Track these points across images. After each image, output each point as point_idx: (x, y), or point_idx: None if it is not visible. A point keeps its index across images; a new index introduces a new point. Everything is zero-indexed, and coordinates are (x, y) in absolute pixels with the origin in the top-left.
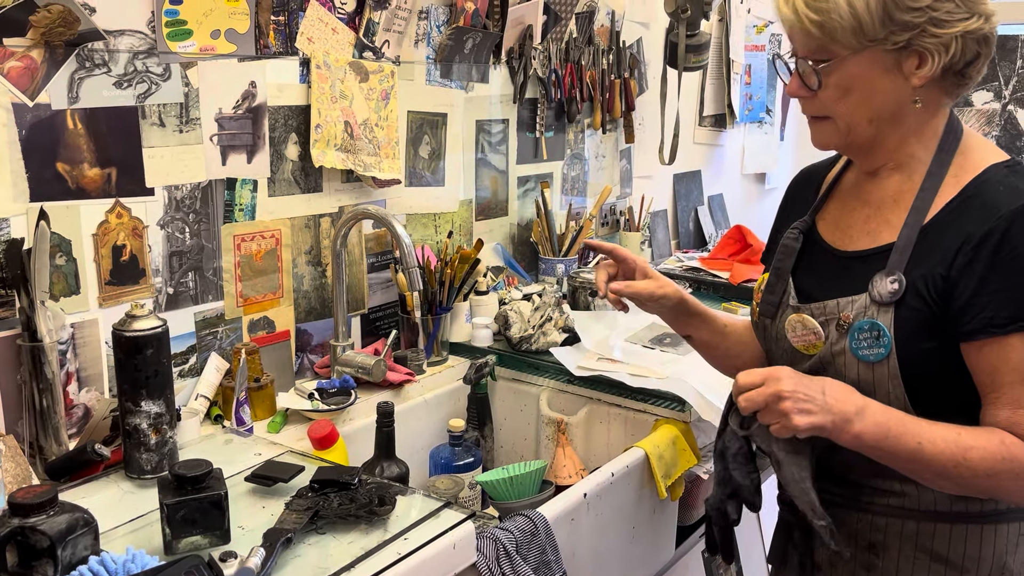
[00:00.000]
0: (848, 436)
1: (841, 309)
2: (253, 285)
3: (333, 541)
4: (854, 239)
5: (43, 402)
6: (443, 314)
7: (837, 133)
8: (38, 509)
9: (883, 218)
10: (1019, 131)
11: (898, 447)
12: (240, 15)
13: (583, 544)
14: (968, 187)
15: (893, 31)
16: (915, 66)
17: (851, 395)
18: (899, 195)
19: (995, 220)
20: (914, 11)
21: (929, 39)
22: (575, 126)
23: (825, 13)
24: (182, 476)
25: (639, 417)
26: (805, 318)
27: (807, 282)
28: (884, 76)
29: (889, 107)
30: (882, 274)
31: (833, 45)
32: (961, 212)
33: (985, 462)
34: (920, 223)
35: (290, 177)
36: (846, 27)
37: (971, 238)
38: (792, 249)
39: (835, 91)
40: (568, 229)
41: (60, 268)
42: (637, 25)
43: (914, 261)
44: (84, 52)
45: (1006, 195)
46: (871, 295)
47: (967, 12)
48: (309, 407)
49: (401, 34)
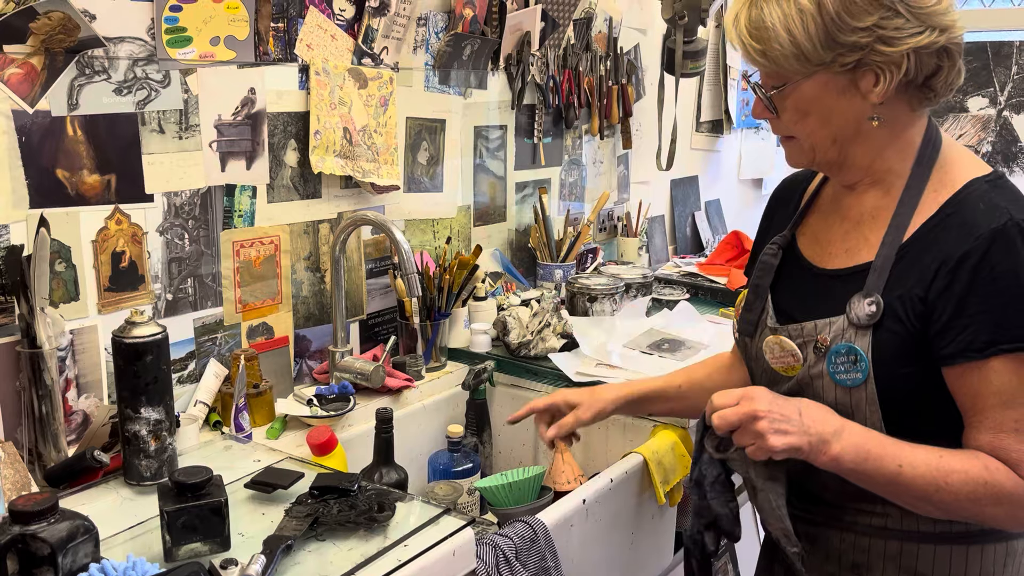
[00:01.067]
0: (826, 458)
1: (819, 331)
2: (252, 291)
3: (333, 548)
4: (833, 256)
5: (42, 409)
6: (442, 320)
7: (803, 152)
8: (39, 516)
9: (861, 235)
10: (1014, 136)
11: (878, 470)
12: (239, 22)
13: (582, 550)
14: (947, 204)
15: (840, 53)
16: (872, 84)
17: (829, 416)
18: (877, 211)
19: (974, 240)
20: (859, 31)
21: (878, 57)
22: (573, 132)
23: (766, 43)
24: (182, 483)
25: (637, 423)
26: (783, 340)
27: (786, 300)
28: (840, 97)
29: (850, 126)
30: (860, 296)
31: (781, 71)
32: (940, 231)
33: (966, 487)
34: (898, 242)
35: (289, 183)
36: (788, 55)
37: (949, 259)
38: (770, 266)
39: (793, 114)
40: (566, 235)
41: (59, 275)
42: (635, 31)
43: (892, 282)
44: (84, 59)
45: (985, 213)
46: (849, 317)
47: (918, 26)
48: (308, 413)
49: (400, 40)
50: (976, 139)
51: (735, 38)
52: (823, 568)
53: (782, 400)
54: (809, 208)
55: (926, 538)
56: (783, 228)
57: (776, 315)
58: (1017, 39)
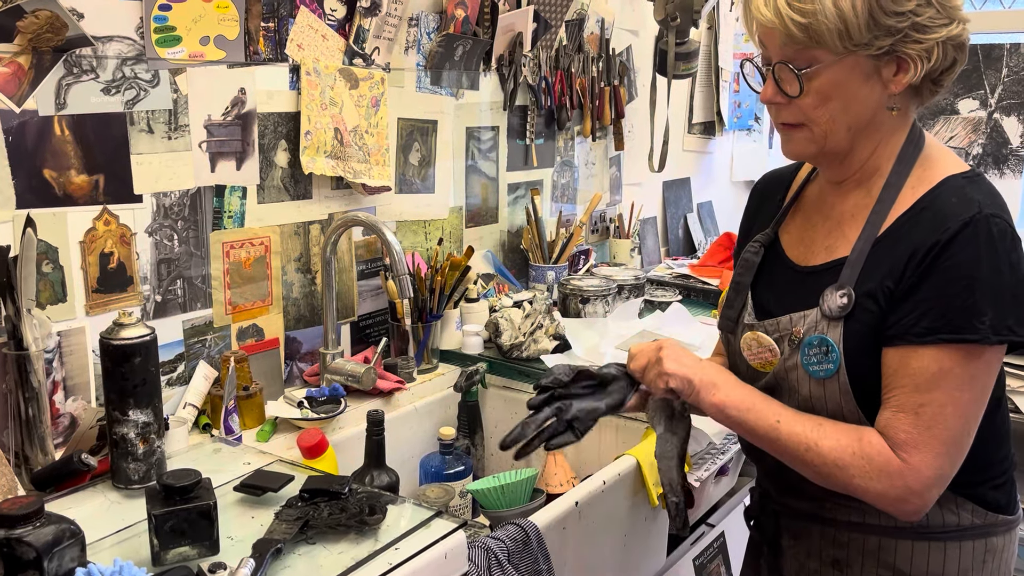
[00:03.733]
0: (711, 401)
1: (793, 324)
2: (242, 293)
3: (323, 551)
4: (814, 254)
5: (29, 411)
6: (433, 321)
7: (812, 141)
8: (24, 520)
9: (841, 232)
10: (1004, 139)
11: (758, 422)
12: (229, 21)
13: (574, 552)
14: (923, 198)
15: (877, 36)
16: (893, 72)
17: (723, 371)
18: (857, 209)
19: (942, 232)
20: (898, 15)
21: (912, 45)
22: (565, 133)
23: (811, 15)
24: (170, 486)
25: (630, 424)
26: (760, 336)
27: (766, 297)
28: (864, 83)
29: (867, 114)
30: (832, 288)
31: (816, 49)
32: (913, 224)
33: (834, 452)
34: (874, 236)
35: (279, 184)
36: (832, 29)
37: (919, 250)
38: (752, 263)
39: (815, 98)
40: (558, 236)
41: (47, 276)
42: (627, 33)
43: (864, 275)
44: (72, 58)
45: (956, 206)
46: (822, 309)
47: (947, 18)
48: (298, 416)
49: (391, 41)
50: (967, 141)
51: (767, 11)
52: (806, 564)
53: (683, 348)
54: (792, 207)
55: (903, 533)
56: (766, 225)
57: (756, 311)
58: (1007, 42)
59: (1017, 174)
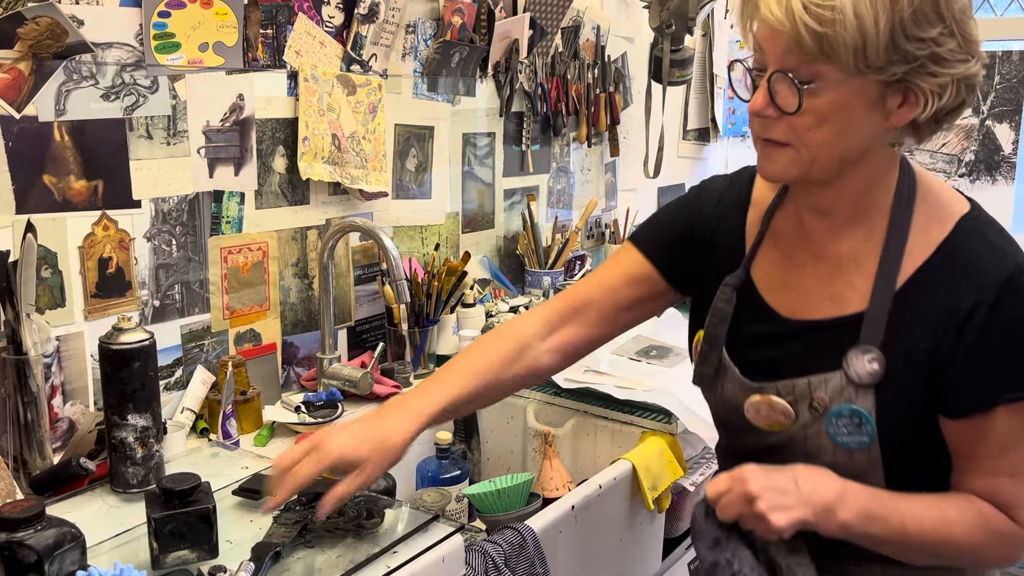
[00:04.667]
0: (834, 526)
1: (814, 389)
2: (239, 298)
3: (321, 555)
4: (814, 304)
5: (27, 416)
6: (430, 326)
7: (796, 164)
8: (25, 524)
9: (846, 280)
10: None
11: (883, 530)
12: (228, 28)
13: (571, 556)
14: (943, 247)
15: (893, 60)
16: (898, 104)
17: (827, 480)
18: (860, 255)
19: (982, 291)
20: (919, 42)
21: (926, 78)
22: (561, 139)
23: (830, 24)
24: (170, 490)
25: (626, 429)
26: (773, 400)
27: (755, 354)
28: (867, 110)
29: (861, 145)
30: (857, 351)
31: (824, 63)
32: (940, 276)
33: (968, 538)
34: (892, 289)
35: (277, 190)
36: (849, 44)
37: (957, 311)
38: (726, 313)
39: (811, 118)
40: (554, 242)
41: (46, 281)
42: (622, 40)
43: (891, 335)
44: (72, 64)
45: (988, 259)
46: (848, 375)
47: (967, 54)
48: (296, 420)
49: (388, 48)
50: (959, 148)
51: (778, 9)
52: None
53: (775, 473)
54: (762, 241)
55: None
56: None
57: (744, 370)
58: (1000, 49)
59: (1009, 181)
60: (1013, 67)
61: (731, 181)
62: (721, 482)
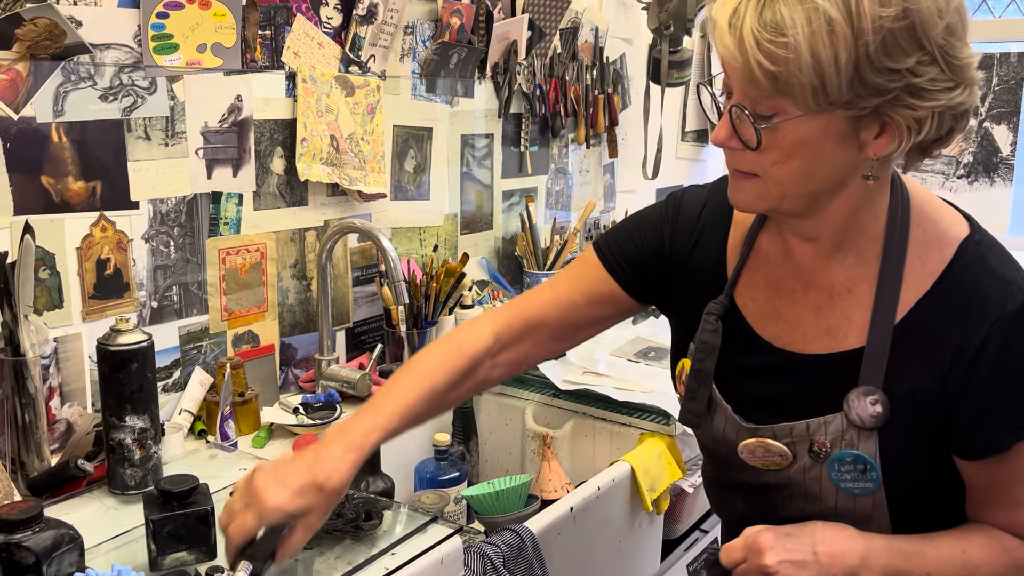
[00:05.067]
0: None
1: (812, 432)
2: (238, 299)
3: (320, 557)
4: (808, 337)
5: (25, 417)
6: (428, 328)
7: (766, 198)
8: (23, 525)
9: (841, 312)
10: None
11: None
12: (227, 29)
13: (569, 558)
14: (944, 278)
15: (860, 95)
16: (875, 135)
17: (848, 542)
18: (853, 282)
19: (990, 326)
20: (890, 73)
21: (902, 110)
22: (559, 141)
23: (783, 63)
24: (168, 491)
25: (624, 431)
26: (769, 443)
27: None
28: (837, 145)
29: (835, 180)
30: (859, 392)
31: (783, 100)
32: (943, 311)
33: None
34: (891, 324)
35: (275, 191)
36: (805, 84)
37: (966, 348)
38: (714, 346)
39: (776, 153)
40: (553, 243)
41: (43, 282)
42: (620, 41)
43: (893, 374)
44: (70, 65)
45: (993, 291)
46: (849, 417)
47: (952, 81)
48: (294, 422)
49: (387, 49)
50: (957, 149)
51: (731, 43)
52: None
53: (792, 542)
54: (744, 265)
55: None
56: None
57: (737, 408)
58: (998, 51)
59: (1007, 182)
60: (1011, 69)
61: (711, 194)
62: (736, 551)
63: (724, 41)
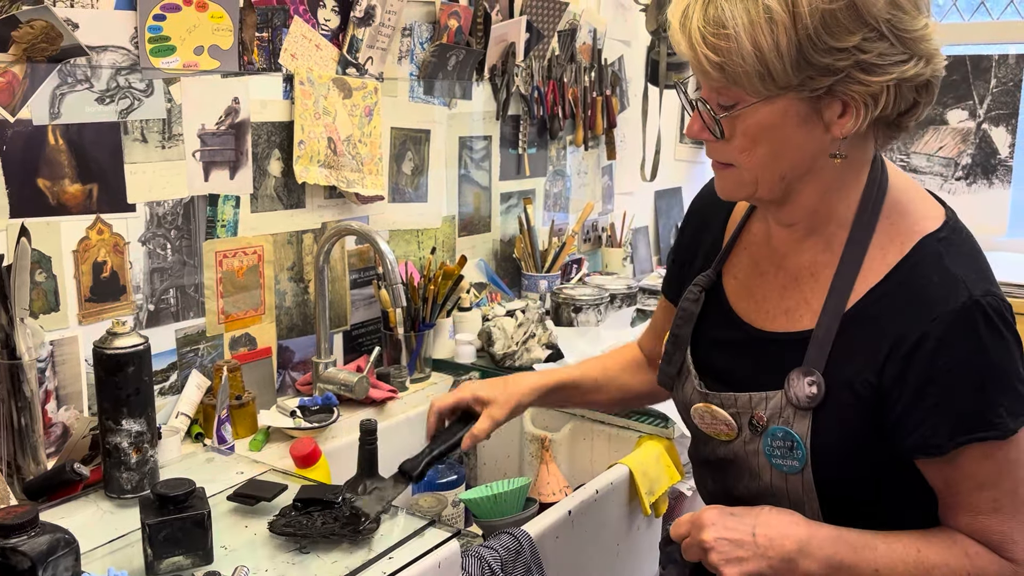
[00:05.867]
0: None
1: (754, 405)
2: (235, 302)
3: (317, 560)
4: (770, 316)
5: (21, 421)
6: (426, 331)
7: (743, 185)
8: (19, 530)
9: (801, 295)
10: (993, 149)
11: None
12: (224, 31)
13: (568, 561)
14: (897, 269)
15: (810, 76)
16: (838, 114)
17: (790, 528)
18: (816, 268)
19: (929, 322)
20: (836, 52)
21: (855, 86)
22: (557, 143)
23: (726, 54)
24: (164, 495)
25: (623, 434)
26: (715, 409)
27: (713, 358)
28: (799, 127)
29: (804, 162)
30: (799, 372)
31: (737, 89)
32: (889, 303)
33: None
34: (841, 310)
35: (273, 193)
36: (750, 73)
37: (903, 342)
38: (692, 313)
39: (741, 141)
40: (551, 245)
41: (40, 285)
42: (619, 43)
43: (835, 359)
44: (66, 68)
45: (940, 288)
46: (787, 395)
47: (904, 54)
48: (291, 425)
49: (384, 51)
50: (956, 151)
51: (682, 40)
52: None
53: (733, 521)
54: (735, 243)
55: None
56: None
57: (701, 373)
58: (996, 52)
59: (1006, 184)
60: (1009, 71)
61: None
62: (682, 525)
63: (676, 39)
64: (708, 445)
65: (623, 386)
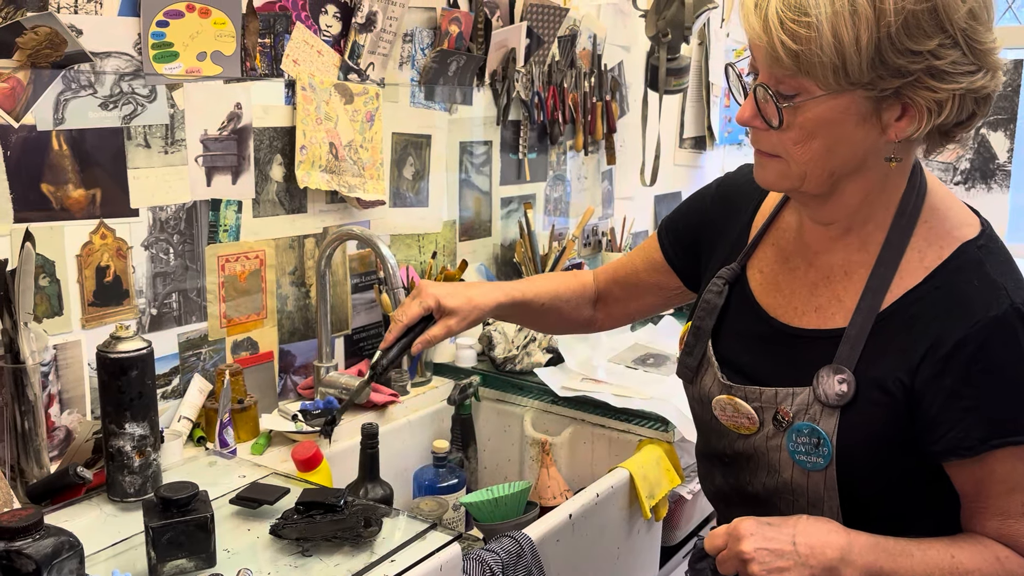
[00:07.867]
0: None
1: (780, 400)
2: (237, 306)
3: (319, 563)
4: (799, 312)
5: (24, 424)
6: None
7: (788, 177)
8: (24, 533)
9: (833, 293)
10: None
11: None
12: (226, 38)
13: (568, 565)
14: (936, 274)
15: (882, 75)
16: (896, 116)
17: (830, 536)
18: (851, 267)
19: (970, 327)
20: (911, 55)
21: (923, 93)
22: (557, 148)
23: (805, 42)
24: (168, 499)
25: (623, 437)
26: (738, 402)
27: (737, 352)
28: (859, 125)
29: (856, 160)
30: (829, 370)
31: (805, 80)
32: (928, 306)
33: None
34: (876, 309)
35: (275, 198)
36: (826, 63)
37: (941, 344)
38: (715, 305)
39: (798, 132)
40: (551, 250)
41: (43, 289)
42: (619, 48)
43: (867, 358)
44: (70, 74)
45: (982, 294)
46: (816, 392)
47: (974, 65)
48: (293, 428)
49: (386, 56)
50: (954, 156)
51: (757, 23)
52: None
53: (772, 531)
54: (763, 237)
55: None
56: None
57: (723, 368)
58: None
59: (1004, 189)
60: (1008, 76)
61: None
62: (718, 537)
63: (750, 21)
64: (724, 439)
65: (564, 317)
